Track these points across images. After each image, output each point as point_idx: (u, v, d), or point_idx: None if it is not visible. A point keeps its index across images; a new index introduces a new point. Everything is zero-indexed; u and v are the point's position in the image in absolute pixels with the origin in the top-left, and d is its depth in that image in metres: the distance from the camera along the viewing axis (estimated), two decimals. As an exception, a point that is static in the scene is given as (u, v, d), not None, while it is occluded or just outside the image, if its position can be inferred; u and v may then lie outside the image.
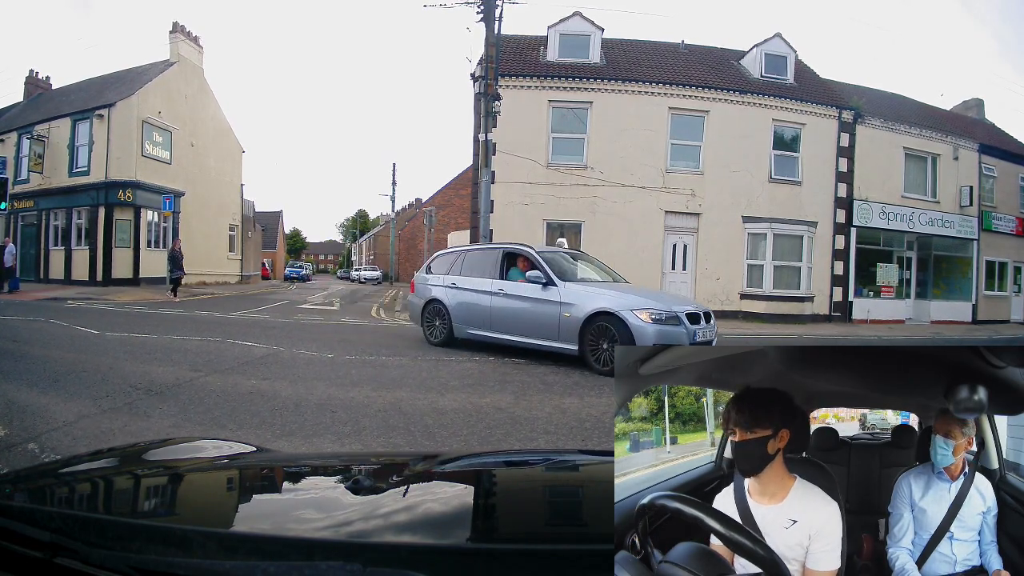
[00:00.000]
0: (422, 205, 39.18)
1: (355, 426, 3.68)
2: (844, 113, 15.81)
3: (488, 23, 12.17)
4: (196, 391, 4.48)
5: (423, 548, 0.73)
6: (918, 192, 17.05)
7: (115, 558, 0.67)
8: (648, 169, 14.66)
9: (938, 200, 17.24)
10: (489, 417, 4.04)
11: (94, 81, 22.08)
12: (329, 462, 1.52)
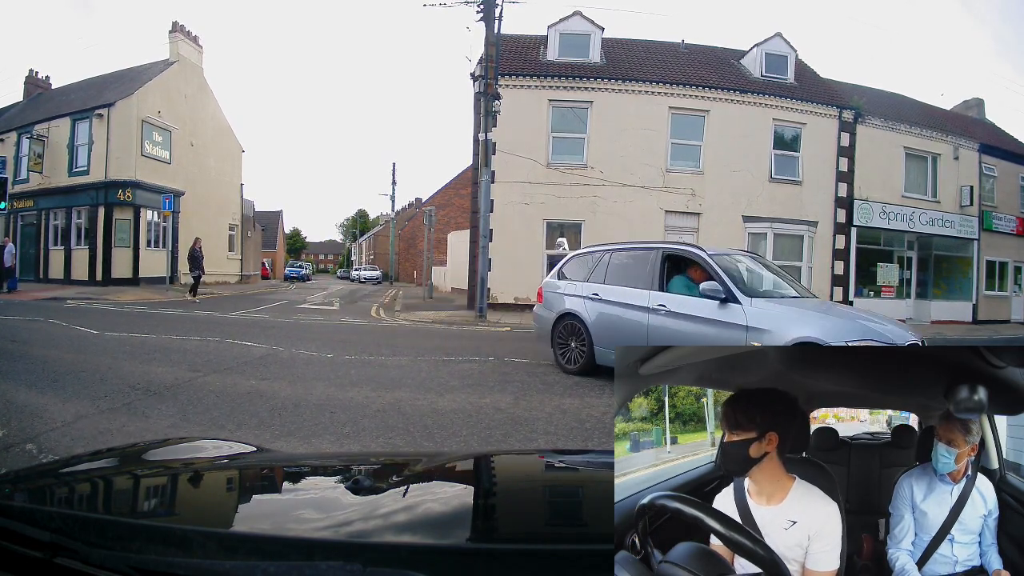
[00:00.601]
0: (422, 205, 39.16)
1: (354, 426, 3.68)
2: (844, 113, 15.81)
3: (488, 22, 12.17)
4: (195, 391, 4.48)
5: (423, 548, 0.73)
6: (918, 192, 17.05)
7: (115, 558, 0.67)
8: (648, 169, 14.66)
9: (938, 200, 17.24)
10: (489, 417, 4.03)
11: (94, 81, 22.07)
12: (329, 462, 1.52)
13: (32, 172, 19.19)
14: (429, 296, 19.11)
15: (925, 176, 17.23)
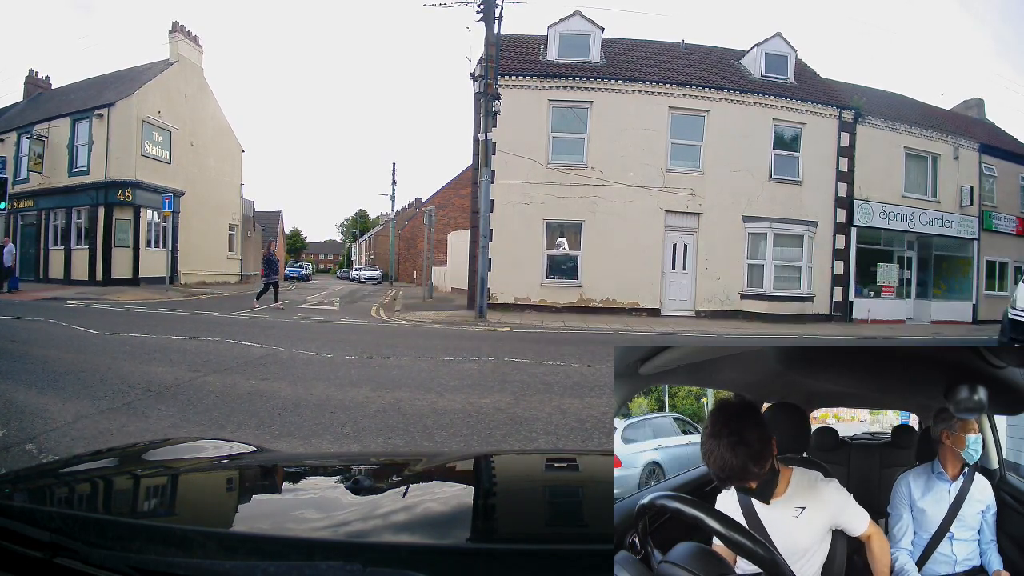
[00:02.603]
0: (422, 205, 39.14)
1: (354, 426, 3.68)
2: (844, 113, 15.81)
3: (488, 23, 12.17)
4: (195, 391, 4.48)
5: (423, 548, 0.73)
6: (918, 192, 17.05)
7: (115, 558, 0.67)
8: (648, 169, 14.66)
9: (938, 200, 17.24)
10: (489, 417, 4.03)
11: (94, 81, 22.07)
12: (329, 462, 1.52)
13: (32, 172, 19.18)
14: (429, 296, 19.11)
15: (925, 176, 17.22)
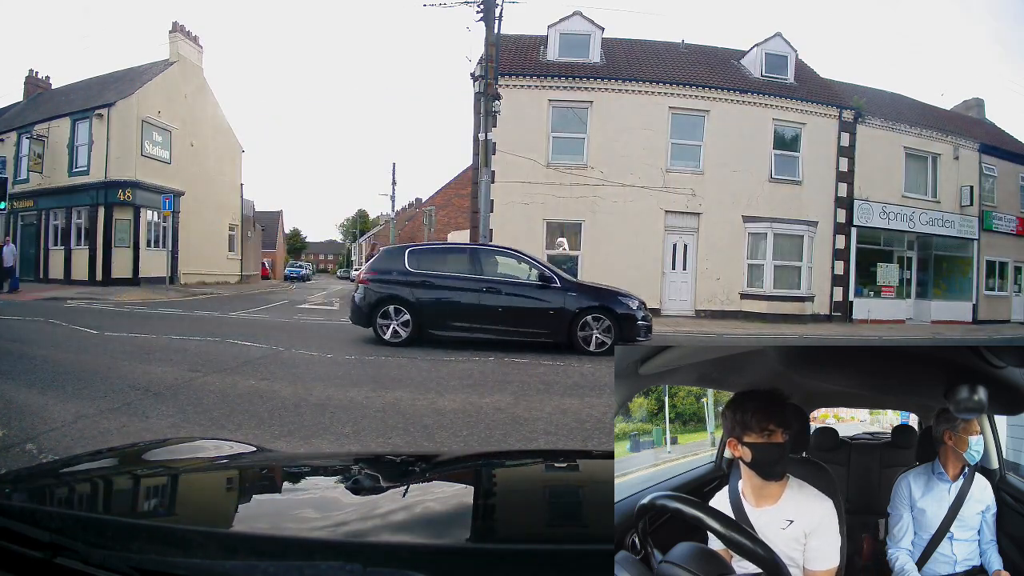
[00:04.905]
0: (422, 205, 39.13)
1: (354, 426, 3.68)
2: (844, 113, 15.82)
3: (488, 22, 12.17)
4: (195, 391, 4.47)
5: (423, 548, 0.73)
6: (918, 192, 17.06)
7: (115, 558, 0.67)
8: (648, 169, 14.66)
9: (938, 200, 17.24)
10: (489, 417, 4.03)
11: (94, 81, 22.06)
12: (329, 462, 1.52)
13: (32, 172, 19.19)
14: (429, 296, 19.06)
15: (925, 176, 17.23)
